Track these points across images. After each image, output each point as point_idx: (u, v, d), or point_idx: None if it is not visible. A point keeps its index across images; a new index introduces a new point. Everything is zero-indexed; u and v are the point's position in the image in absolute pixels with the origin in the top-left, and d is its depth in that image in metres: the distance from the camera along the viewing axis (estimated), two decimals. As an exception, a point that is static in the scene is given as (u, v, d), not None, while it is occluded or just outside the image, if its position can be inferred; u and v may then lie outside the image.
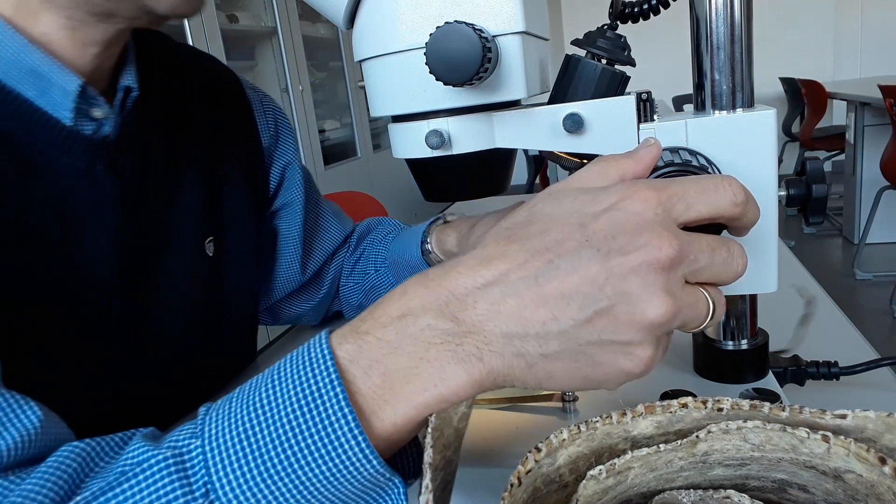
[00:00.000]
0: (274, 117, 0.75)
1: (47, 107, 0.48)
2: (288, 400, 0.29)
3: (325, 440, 0.28)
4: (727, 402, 0.30)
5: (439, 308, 0.30)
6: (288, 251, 0.77)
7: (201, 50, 0.72)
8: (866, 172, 3.10)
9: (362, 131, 3.07)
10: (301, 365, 0.30)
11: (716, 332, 0.52)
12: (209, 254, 0.64)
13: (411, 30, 0.37)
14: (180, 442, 0.30)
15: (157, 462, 0.29)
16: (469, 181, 0.45)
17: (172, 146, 0.61)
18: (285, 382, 0.30)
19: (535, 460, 0.30)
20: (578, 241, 0.29)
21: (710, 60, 0.43)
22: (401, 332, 0.30)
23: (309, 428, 0.28)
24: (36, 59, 0.46)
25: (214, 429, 0.30)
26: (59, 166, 0.49)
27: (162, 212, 0.59)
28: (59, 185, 0.49)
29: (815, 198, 0.45)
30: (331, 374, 0.29)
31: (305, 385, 0.29)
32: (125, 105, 0.54)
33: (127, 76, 0.54)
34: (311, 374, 0.29)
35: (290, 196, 0.76)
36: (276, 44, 2.49)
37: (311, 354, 0.30)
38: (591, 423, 0.31)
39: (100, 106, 0.51)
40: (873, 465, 0.27)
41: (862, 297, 2.79)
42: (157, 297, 0.59)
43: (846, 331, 0.66)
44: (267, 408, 0.29)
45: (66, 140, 0.49)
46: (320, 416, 0.29)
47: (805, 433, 0.28)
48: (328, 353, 0.30)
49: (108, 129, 0.52)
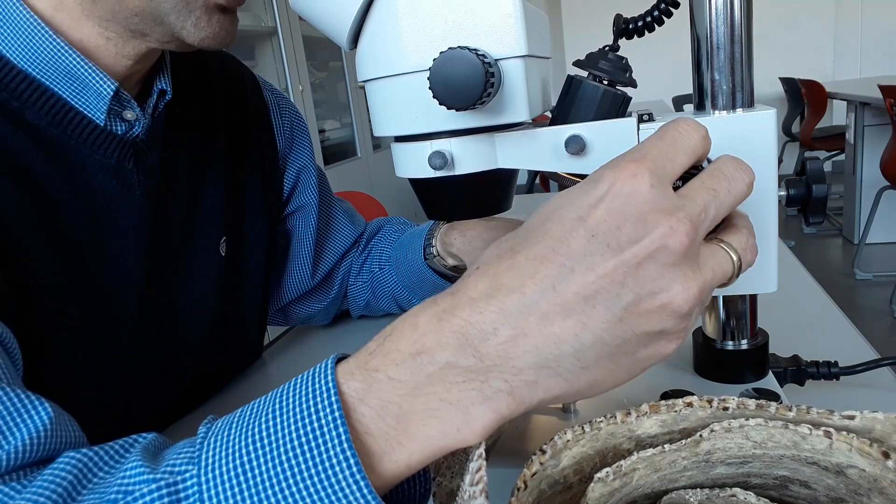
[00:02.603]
0: (290, 120, 0.76)
1: (82, 106, 0.49)
2: (288, 435, 0.27)
3: (324, 482, 0.27)
4: (733, 401, 0.30)
5: (458, 344, 0.28)
6: (300, 254, 0.77)
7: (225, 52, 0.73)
8: (866, 172, 3.10)
9: (362, 131, 3.07)
10: (304, 397, 0.28)
11: (716, 332, 0.52)
12: (222, 254, 0.65)
13: (414, 52, 0.38)
14: (177, 467, 0.28)
15: (150, 491, 0.28)
16: (471, 201, 0.45)
17: (198, 146, 0.62)
18: (287, 414, 0.28)
19: (539, 463, 0.30)
20: (584, 237, 0.27)
21: (710, 60, 0.43)
22: (416, 371, 0.28)
23: (309, 469, 0.27)
24: (74, 61, 0.48)
25: (212, 457, 0.28)
26: (90, 163, 0.51)
27: (185, 210, 0.60)
28: (91, 181, 0.51)
29: (815, 198, 0.45)
30: (334, 411, 0.27)
31: (307, 421, 0.28)
32: (158, 106, 0.56)
33: (162, 80, 0.55)
34: (313, 410, 0.28)
35: (304, 199, 0.77)
36: (276, 44, 2.49)
37: (316, 387, 0.28)
38: (595, 423, 0.31)
39: (132, 108, 0.52)
40: (876, 459, 0.27)
41: (862, 297, 2.79)
42: (175, 294, 0.60)
43: (846, 331, 0.66)
44: (266, 441, 0.28)
45: (98, 138, 0.51)
46: (321, 458, 0.27)
47: (807, 429, 0.28)
48: (333, 389, 0.28)
49: (138, 129, 0.53)
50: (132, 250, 0.54)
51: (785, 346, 0.56)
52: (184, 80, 0.61)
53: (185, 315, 0.61)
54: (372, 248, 0.83)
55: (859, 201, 3.17)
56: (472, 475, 0.27)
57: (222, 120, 0.66)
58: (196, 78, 0.64)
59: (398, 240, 0.80)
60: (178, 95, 0.58)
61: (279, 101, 0.75)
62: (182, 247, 0.60)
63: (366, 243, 0.83)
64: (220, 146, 0.65)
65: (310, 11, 0.41)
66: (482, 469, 0.27)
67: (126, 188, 0.53)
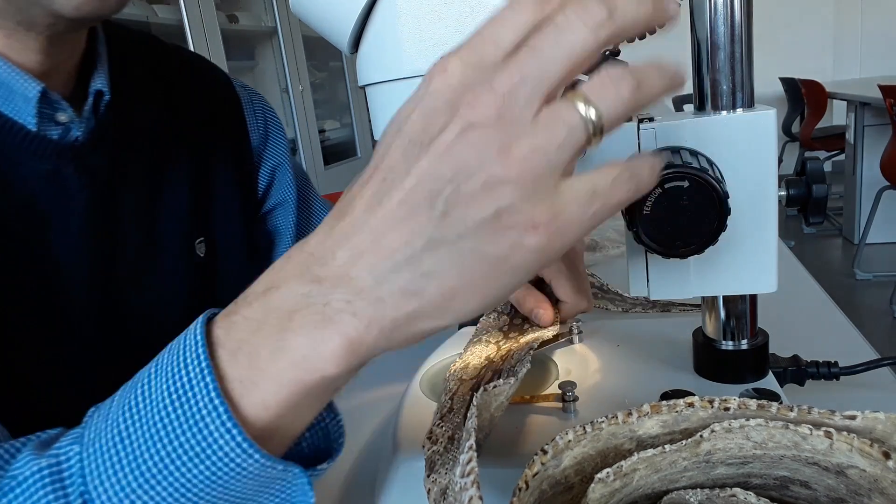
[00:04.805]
0: (264, 116, 0.74)
1: (11, 113, 0.48)
2: (160, 395, 0.27)
3: (197, 436, 0.26)
4: (734, 401, 0.30)
5: (300, 272, 0.27)
6: (280, 252, 0.76)
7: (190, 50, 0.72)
8: (866, 172, 3.11)
9: (362, 131, 3.07)
10: (176, 354, 0.28)
11: (716, 332, 0.52)
12: (200, 254, 0.64)
13: (415, 57, 0.38)
14: (62, 448, 0.28)
15: (32, 474, 0.27)
16: None
17: (156, 147, 0.60)
18: (160, 375, 0.27)
19: (541, 463, 0.30)
20: (400, 146, 0.26)
21: (710, 61, 0.43)
22: (265, 306, 0.28)
23: (181, 424, 0.26)
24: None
25: (93, 432, 0.28)
26: (24, 170, 0.49)
27: (144, 213, 0.58)
28: (24, 189, 0.49)
29: (815, 198, 0.45)
30: (201, 361, 0.26)
31: (177, 377, 0.27)
32: (98, 106, 0.54)
33: (97, 80, 0.53)
34: (182, 364, 0.27)
35: (282, 196, 0.75)
36: (276, 44, 2.49)
37: (187, 342, 0.28)
38: (596, 423, 0.31)
39: (64, 110, 0.50)
40: (877, 459, 0.27)
41: (862, 297, 2.79)
42: (141, 298, 0.58)
43: (846, 331, 0.66)
44: (142, 405, 0.27)
45: (31, 144, 0.49)
46: (191, 411, 0.26)
47: (808, 430, 0.28)
48: (201, 339, 0.27)
49: (76, 133, 0.51)
50: (77, 257, 0.52)
51: (785, 346, 0.56)
52: (137, 77, 0.59)
53: (162, 318, 0.59)
54: None
55: (859, 201, 3.17)
56: (462, 466, 0.27)
57: (186, 120, 0.64)
58: (152, 79, 0.62)
59: None
60: (129, 94, 0.57)
61: (252, 97, 0.74)
62: (145, 249, 0.58)
63: None
64: (184, 144, 0.63)
65: (310, 15, 0.41)
66: (473, 461, 0.27)
67: (65, 194, 0.51)
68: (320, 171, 2.63)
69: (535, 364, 0.50)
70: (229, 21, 2.21)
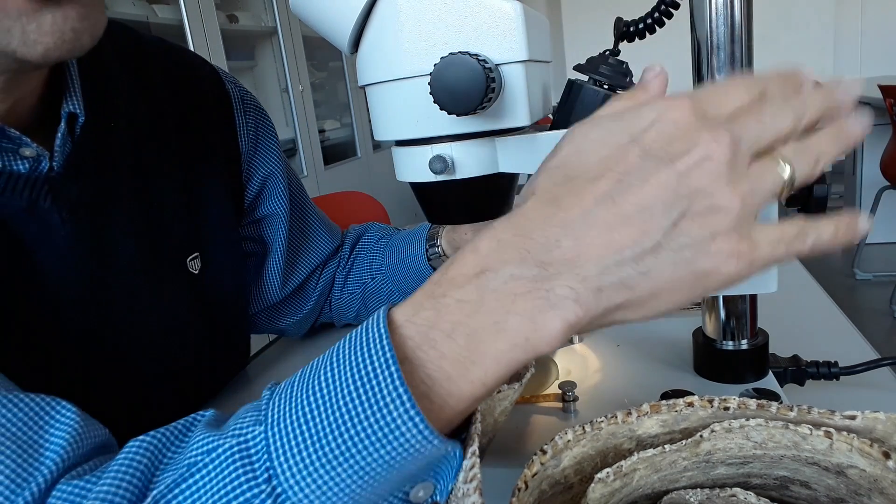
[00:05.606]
0: (255, 120, 0.71)
1: None
2: (344, 383, 0.29)
3: (380, 422, 0.28)
4: (734, 401, 0.30)
5: (521, 258, 0.29)
6: (269, 266, 0.74)
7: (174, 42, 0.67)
8: (866, 172, 3.10)
9: (362, 131, 3.07)
10: (358, 346, 0.30)
11: (716, 332, 0.52)
12: (194, 271, 0.62)
13: (415, 57, 0.38)
14: (244, 429, 0.30)
15: (223, 451, 0.29)
16: (472, 204, 0.45)
17: (143, 159, 0.58)
18: (343, 365, 0.29)
19: (540, 463, 0.30)
20: (638, 154, 0.29)
21: (710, 61, 0.43)
22: (482, 289, 0.29)
23: (365, 411, 0.28)
24: None
25: (277, 414, 0.30)
26: (4, 209, 0.47)
27: (137, 233, 0.56)
28: (3, 229, 0.47)
29: (815, 198, 0.45)
30: (386, 354, 0.28)
31: (361, 367, 0.29)
32: (73, 131, 0.51)
33: (69, 102, 0.50)
34: (366, 356, 0.29)
35: (272, 208, 0.72)
36: (276, 44, 2.49)
37: (369, 335, 0.30)
38: (595, 423, 0.31)
39: (27, 145, 0.47)
40: (877, 459, 0.27)
41: (862, 297, 2.79)
42: (136, 318, 0.57)
43: (846, 331, 0.66)
44: (326, 391, 0.29)
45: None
46: (375, 399, 0.28)
47: (808, 430, 0.28)
48: (384, 333, 0.29)
49: (46, 165, 0.49)
50: (63, 288, 0.51)
51: (785, 346, 0.56)
52: (116, 87, 0.56)
53: (159, 336, 0.58)
54: (356, 258, 0.79)
55: (859, 201, 3.17)
56: (465, 472, 0.28)
57: (173, 119, 0.61)
58: (134, 76, 0.59)
59: (387, 246, 0.77)
60: (109, 108, 0.54)
61: (243, 95, 0.70)
62: (136, 271, 0.56)
63: (348, 253, 0.80)
64: (173, 152, 0.61)
65: (310, 15, 0.41)
66: (476, 466, 0.28)
67: (45, 228, 0.49)
68: (320, 171, 2.63)
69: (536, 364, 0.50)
70: (229, 21, 2.21)
